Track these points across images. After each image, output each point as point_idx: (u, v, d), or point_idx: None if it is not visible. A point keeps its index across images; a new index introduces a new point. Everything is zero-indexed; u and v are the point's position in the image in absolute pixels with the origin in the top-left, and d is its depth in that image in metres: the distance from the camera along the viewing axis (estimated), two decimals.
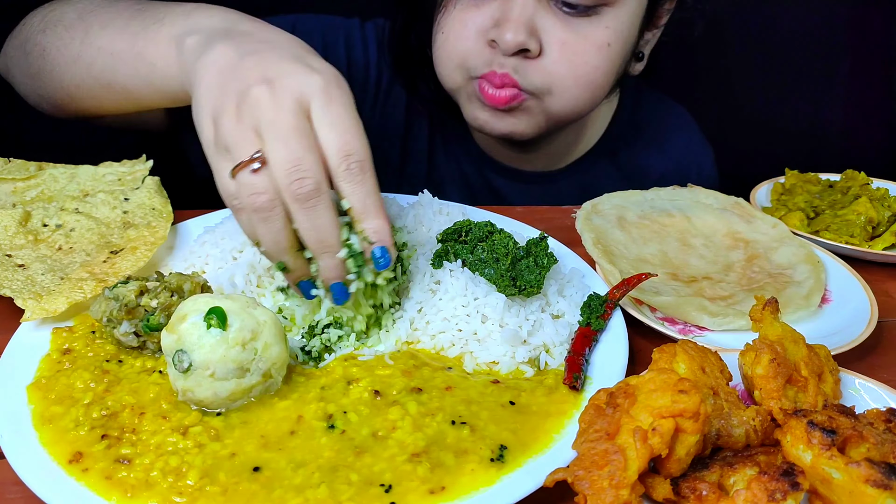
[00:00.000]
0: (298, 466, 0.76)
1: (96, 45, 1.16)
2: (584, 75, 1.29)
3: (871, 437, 0.69)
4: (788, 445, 0.69)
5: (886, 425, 0.74)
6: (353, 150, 0.85)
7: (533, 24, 1.24)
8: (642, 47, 1.43)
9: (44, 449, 0.77)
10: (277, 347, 0.83)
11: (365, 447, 0.79)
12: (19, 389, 0.85)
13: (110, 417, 0.81)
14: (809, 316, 1.08)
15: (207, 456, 0.76)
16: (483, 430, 0.81)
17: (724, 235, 1.26)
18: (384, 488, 0.74)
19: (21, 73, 1.34)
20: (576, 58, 1.27)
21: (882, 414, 0.76)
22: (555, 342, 0.95)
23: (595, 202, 1.30)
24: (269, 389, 0.85)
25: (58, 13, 1.26)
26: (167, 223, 1.14)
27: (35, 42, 1.27)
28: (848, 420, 0.71)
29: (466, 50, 1.29)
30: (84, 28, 1.19)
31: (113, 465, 0.75)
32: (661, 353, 0.79)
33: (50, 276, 1.00)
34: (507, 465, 0.77)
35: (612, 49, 1.29)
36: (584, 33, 1.26)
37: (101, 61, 1.16)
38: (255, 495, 0.73)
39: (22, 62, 1.31)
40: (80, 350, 0.91)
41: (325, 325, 0.95)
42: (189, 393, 0.81)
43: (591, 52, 1.27)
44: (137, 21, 1.11)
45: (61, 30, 1.23)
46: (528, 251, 1.01)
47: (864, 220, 1.29)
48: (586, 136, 1.60)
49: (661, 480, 0.68)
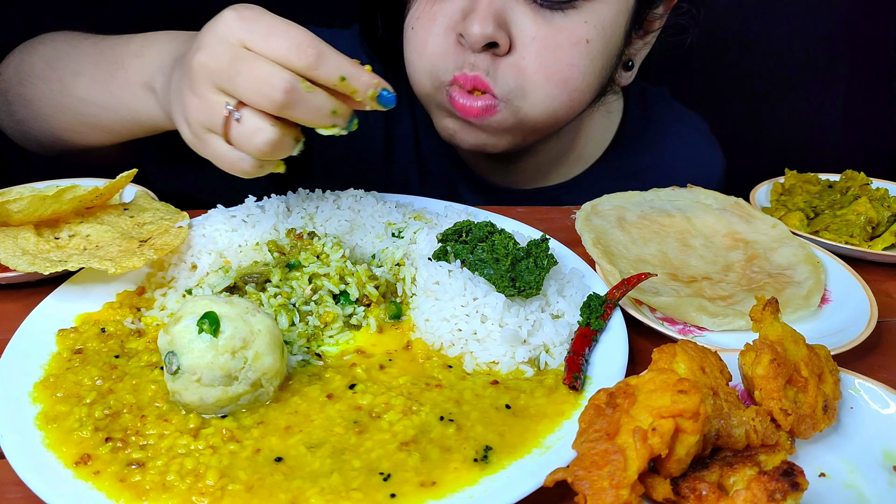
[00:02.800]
0: (316, 447, 0.79)
1: (76, 96, 1.20)
2: (558, 72, 1.20)
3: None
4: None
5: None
6: (297, 41, 0.86)
7: (503, 17, 1.17)
8: (632, 55, 1.36)
9: (48, 451, 0.77)
10: (270, 357, 0.83)
11: (364, 424, 0.82)
12: (21, 389, 0.85)
13: (112, 418, 0.81)
14: (809, 316, 1.08)
15: (223, 456, 0.77)
16: (469, 430, 0.82)
17: (723, 236, 1.26)
18: (383, 477, 0.76)
19: (6, 118, 1.37)
20: (548, 53, 1.19)
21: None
22: (554, 342, 0.95)
23: (595, 203, 1.30)
24: (260, 399, 0.84)
25: (27, 65, 1.29)
26: (181, 213, 1.15)
27: (16, 93, 1.30)
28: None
29: (436, 50, 1.23)
30: (57, 78, 1.22)
31: (126, 469, 0.75)
32: (660, 353, 0.79)
33: (96, 262, 0.99)
34: (491, 465, 0.78)
35: (591, 47, 1.21)
36: (559, 27, 1.18)
37: (84, 110, 1.20)
38: (278, 486, 0.74)
39: (5, 109, 1.35)
40: (93, 347, 0.92)
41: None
42: (177, 395, 0.82)
43: (566, 47, 1.19)
44: (102, 70, 1.15)
45: (37, 81, 1.25)
46: (528, 252, 1.01)
47: (863, 221, 1.29)
48: (582, 151, 1.53)
49: (660, 480, 0.68)
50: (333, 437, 0.80)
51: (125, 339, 0.94)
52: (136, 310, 1.00)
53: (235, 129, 0.88)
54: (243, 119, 0.88)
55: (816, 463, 0.80)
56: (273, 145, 0.89)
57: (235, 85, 0.86)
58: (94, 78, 1.16)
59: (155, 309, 1.00)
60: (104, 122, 1.20)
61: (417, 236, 1.11)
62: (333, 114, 0.91)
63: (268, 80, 0.85)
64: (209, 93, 0.88)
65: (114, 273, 0.96)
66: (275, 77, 0.85)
